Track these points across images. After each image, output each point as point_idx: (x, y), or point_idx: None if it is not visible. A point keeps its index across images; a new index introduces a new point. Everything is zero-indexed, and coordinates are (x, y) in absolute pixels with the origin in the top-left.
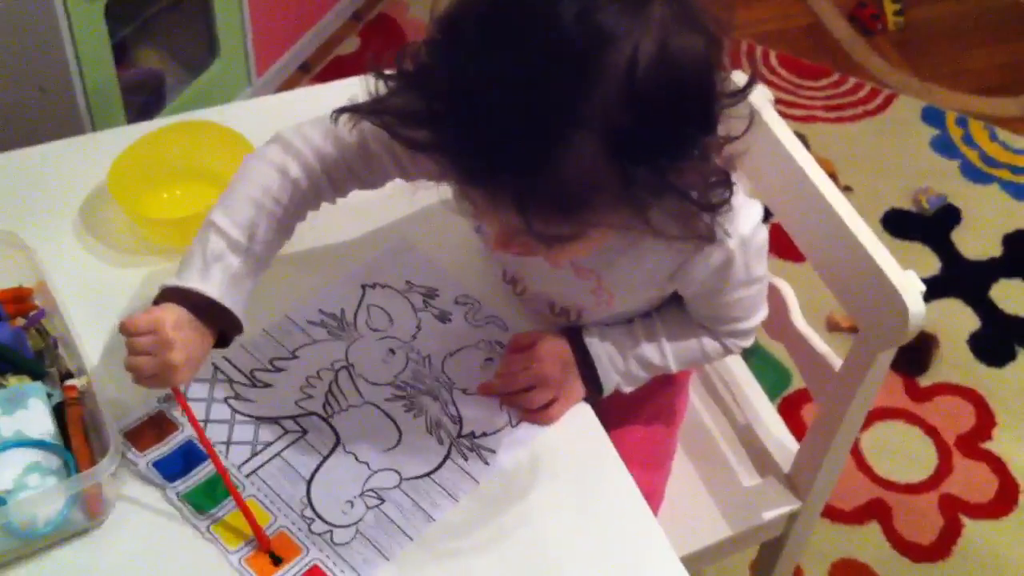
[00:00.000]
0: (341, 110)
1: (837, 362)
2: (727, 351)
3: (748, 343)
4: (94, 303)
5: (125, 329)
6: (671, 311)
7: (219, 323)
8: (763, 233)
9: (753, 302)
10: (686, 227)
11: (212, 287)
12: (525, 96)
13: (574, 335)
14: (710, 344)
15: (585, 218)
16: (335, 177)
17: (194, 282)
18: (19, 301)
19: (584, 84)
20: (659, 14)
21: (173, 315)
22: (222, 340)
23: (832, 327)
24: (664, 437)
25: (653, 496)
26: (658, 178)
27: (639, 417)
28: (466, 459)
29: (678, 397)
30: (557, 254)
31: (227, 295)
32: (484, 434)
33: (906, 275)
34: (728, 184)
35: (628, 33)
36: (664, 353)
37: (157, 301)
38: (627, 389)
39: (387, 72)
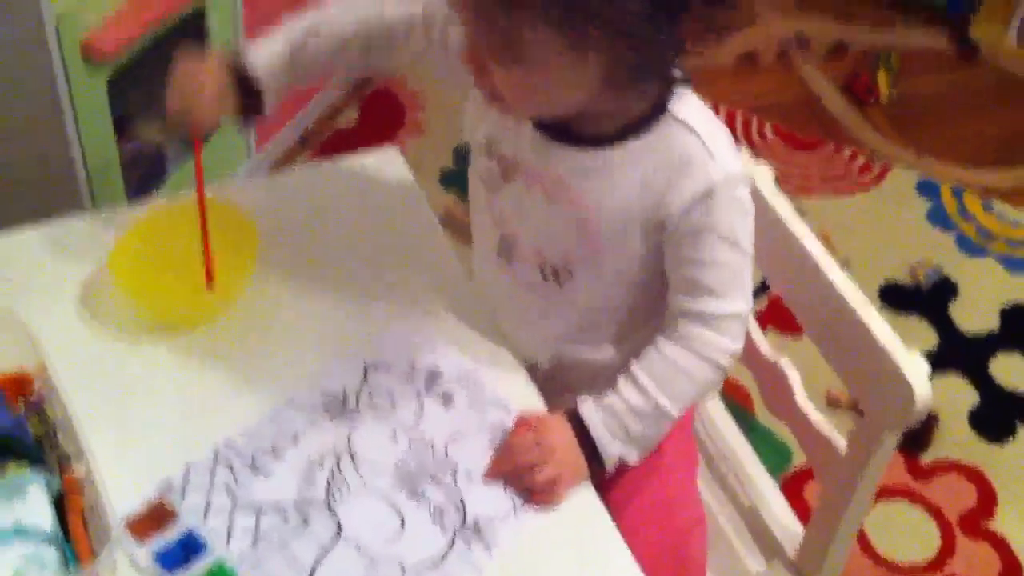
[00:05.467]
0: None
1: (842, 444)
2: (707, 362)
3: (726, 344)
4: (95, 386)
5: (176, 64)
6: (652, 358)
7: (248, 98)
8: (747, 194)
9: (731, 276)
10: (630, 76)
11: (252, 56)
12: None
13: (570, 413)
14: (686, 359)
15: (519, 11)
16: (377, 28)
17: (244, 51)
18: (20, 385)
19: None
20: None
21: (213, 67)
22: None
23: (832, 403)
24: (684, 480)
25: (693, 529)
26: None
27: (645, 475)
28: (469, 547)
29: (677, 440)
30: (509, 84)
31: (261, 68)
32: (488, 520)
33: (911, 357)
34: (672, 80)
35: None
36: (646, 388)
37: None
38: (633, 456)
39: None
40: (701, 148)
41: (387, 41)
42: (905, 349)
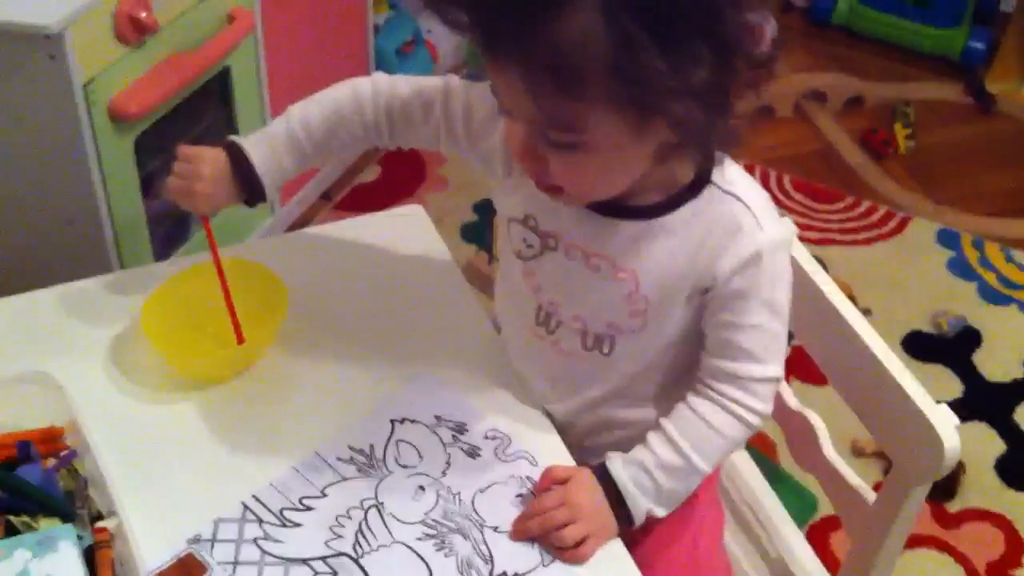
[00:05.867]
0: None
1: (871, 496)
2: (739, 421)
3: (759, 406)
4: (125, 442)
5: (178, 152)
6: (683, 414)
7: (250, 186)
8: (788, 260)
9: (769, 342)
10: (681, 145)
11: (252, 147)
12: None
13: (599, 469)
14: (719, 418)
15: (584, 98)
16: (394, 115)
17: (243, 141)
18: (50, 441)
19: None
20: None
21: (214, 155)
22: (250, 200)
23: (857, 452)
24: (713, 533)
25: None
26: (655, 67)
27: (674, 529)
28: None
29: (705, 493)
30: (568, 171)
31: (260, 158)
32: (516, 574)
33: (939, 409)
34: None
35: None
36: (677, 443)
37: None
38: (662, 512)
39: None
40: (749, 216)
41: (404, 119)
42: (931, 401)
